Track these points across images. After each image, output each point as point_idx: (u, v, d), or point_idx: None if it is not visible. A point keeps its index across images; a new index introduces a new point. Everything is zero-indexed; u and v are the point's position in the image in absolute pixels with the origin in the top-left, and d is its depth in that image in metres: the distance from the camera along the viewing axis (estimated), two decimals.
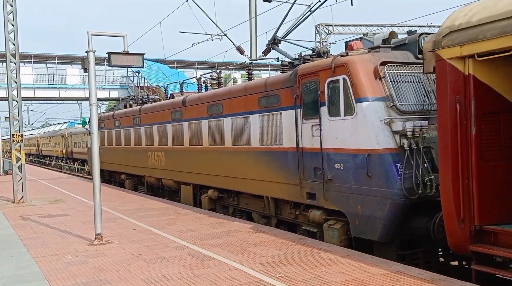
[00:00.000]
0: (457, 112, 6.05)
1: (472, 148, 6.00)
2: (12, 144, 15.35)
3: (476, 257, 6.10)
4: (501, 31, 5.49)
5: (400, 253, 7.69)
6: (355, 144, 7.94)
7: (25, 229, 10.47)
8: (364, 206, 7.81)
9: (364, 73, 7.86)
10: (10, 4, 15.19)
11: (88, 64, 8.89)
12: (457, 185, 6.06)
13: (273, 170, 10.11)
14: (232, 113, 11.62)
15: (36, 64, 51.60)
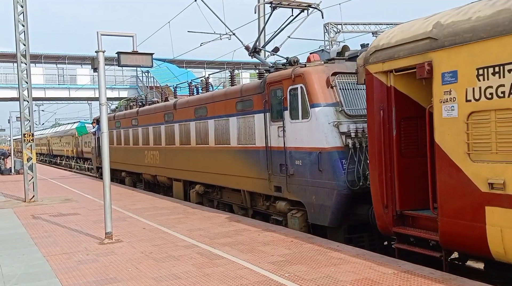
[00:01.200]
0: (381, 117, 7.29)
1: (393, 147, 7.22)
2: (23, 144, 15.49)
3: (398, 237, 7.35)
4: (408, 51, 6.76)
5: (347, 236, 8.90)
6: (310, 143, 9.17)
7: (36, 228, 10.56)
8: (317, 196, 9.08)
9: (317, 83, 9.08)
10: (20, 5, 15.31)
11: (98, 64, 8.94)
12: (382, 178, 7.33)
13: (248, 167, 11.33)
14: (215, 116, 12.89)
15: (46, 64, 51.99)
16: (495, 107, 5.69)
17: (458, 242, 6.31)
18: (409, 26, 7.09)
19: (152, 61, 9.44)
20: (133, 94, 48.09)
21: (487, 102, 5.77)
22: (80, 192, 17.77)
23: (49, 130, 65.04)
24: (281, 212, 10.31)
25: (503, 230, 5.64)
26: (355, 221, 8.81)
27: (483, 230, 5.86)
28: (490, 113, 5.77)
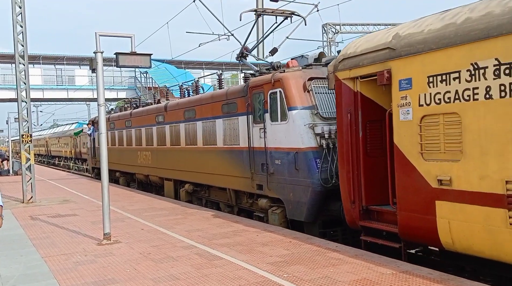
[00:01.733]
0: (349, 120, 7.91)
1: (360, 147, 7.82)
2: (22, 145, 15.46)
3: (365, 230, 7.95)
4: (371, 60, 7.36)
5: (321, 231, 9.51)
6: (288, 144, 9.77)
7: (34, 229, 10.54)
8: (294, 194, 9.67)
9: (295, 87, 9.67)
10: (18, 5, 15.29)
11: (96, 65, 8.93)
12: (349, 176, 7.96)
13: (233, 166, 11.95)
14: (203, 118, 13.52)
15: (44, 65, 51.93)
16: (443, 111, 6.31)
17: (414, 233, 6.91)
18: (373, 36, 7.76)
19: (150, 62, 9.44)
20: (132, 95, 48.08)
21: (436, 107, 6.39)
22: (79, 193, 17.74)
23: (48, 131, 64.98)
24: (262, 208, 10.88)
25: (450, 222, 6.27)
26: (329, 216, 9.42)
27: (434, 222, 6.48)
28: (439, 116, 6.40)
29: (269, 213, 10.56)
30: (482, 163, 5.86)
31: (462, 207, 6.10)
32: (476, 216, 5.94)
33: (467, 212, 6.04)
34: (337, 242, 8.67)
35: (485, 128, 5.83)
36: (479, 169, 5.90)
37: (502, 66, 5.57)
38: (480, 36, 5.79)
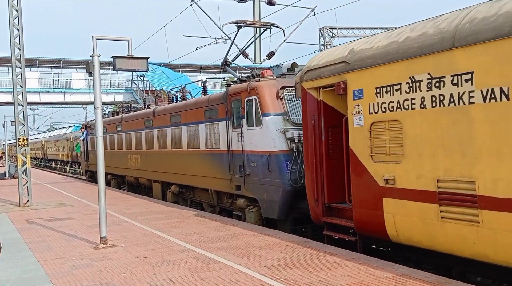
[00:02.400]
0: (313, 126, 8.66)
1: (322, 150, 8.58)
2: (18, 148, 15.42)
3: (327, 226, 8.74)
4: (330, 72, 8.16)
5: (292, 228, 10.22)
6: (262, 147, 10.53)
7: (31, 233, 10.50)
8: (268, 193, 10.44)
9: (268, 95, 10.47)
10: (15, 9, 15.29)
11: (93, 68, 8.93)
12: (313, 176, 8.73)
13: (214, 168, 12.74)
14: (187, 123, 14.29)
15: (41, 68, 51.87)
16: (388, 118, 7.09)
17: (366, 227, 7.66)
18: (333, 50, 8.62)
19: (147, 65, 9.43)
20: (129, 98, 48.02)
21: (383, 114, 7.18)
22: (75, 196, 17.69)
23: (44, 135, 64.79)
24: (241, 207, 11.66)
25: (395, 217, 7.03)
26: (299, 214, 10.09)
27: (381, 217, 7.23)
28: (384, 123, 7.17)
29: (246, 212, 11.34)
30: (419, 164, 6.63)
31: (404, 203, 6.86)
32: (415, 210, 6.70)
33: (408, 207, 6.80)
34: (308, 238, 9.43)
35: (421, 134, 6.60)
36: (416, 169, 6.67)
37: (433, 80, 6.36)
38: (416, 53, 6.59)
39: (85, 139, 27.03)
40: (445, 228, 6.29)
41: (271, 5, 20.74)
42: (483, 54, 5.79)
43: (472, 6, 6.36)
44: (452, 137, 6.19)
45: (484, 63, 5.79)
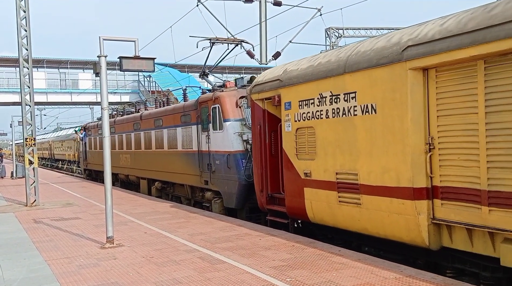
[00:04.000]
0: (259, 130, 10.53)
1: (266, 150, 10.44)
2: (25, 148, 15.50)
3: (270, 212, 10.61)
4: (270, 87, 10.00)
5: (248, 216, 12.14)
6: (224, 148, 12.42)
7: (38, 232, 10.56)
8: (228, 187, 12.35)
9: (229, 104, 12.39)
10: (23, 9, 15.38)
11: (100, 69, 8.96)
12: (259, 171, 10.60)
13: (188, 166, 14.67)
14: (168, 126, 16.27)
15: (48, 69, 52.15)
16: (306, 125, 8.93)
17: (294, 212, 9.57)
18: (273, 69, 10.49)
19: (154, 66, 9.45)
20: (135, 99, 48.16)
21: (303, 122, 9.01)
22: (82, 196, 17.77)
23: (51, 135, 65.09)
24: (208, 199, 13.59)
25: (312, 202, 8.88)
26: (253, 204, 11.64)
27: (303, 203, 9.10)
28: (304, 129, 9.00)
29: (212, 203, 13.29)
30: (325, 160, 8.49)
31: (316, 191, 8.72)
32: (323, 197, 8.54)
33: (319, 194, 8.66)
34: (260, 224, 11.09)
35: (326, 137, 8.43)
36: (324, 164, 8.53)
37: (333, 97, 8.21)
38: (323, 76, 8.39)
39: (84, 139, 29.10)
40: (342, 210, 8.13)
41: (277, 5, 20.73)
42: (362, 79, 7.57)
43: (363, 41, 8.18)
44: (344, 140, 8.02)
45: (362, 85, 7.58)
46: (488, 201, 5.92)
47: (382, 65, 7.15)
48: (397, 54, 6.92)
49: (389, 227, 7.20)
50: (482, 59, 5.94)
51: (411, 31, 6.97)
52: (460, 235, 6.43)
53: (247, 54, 19.14)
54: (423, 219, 6.65)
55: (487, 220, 5.92)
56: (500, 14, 5.65)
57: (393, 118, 7.03)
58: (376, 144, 7.33)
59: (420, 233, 6.69)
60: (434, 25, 6.64)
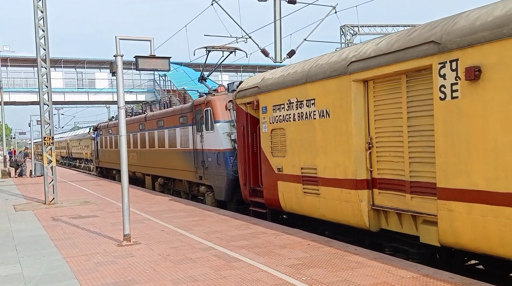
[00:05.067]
0: (243, 131, 11.85)
1: (249, 149, 11.71)
2: (44, 147, 15.73)
3: (252, 203, 11.92)
4: (250, 93, 11.38)
5: (236, 207, 13.40)
6: (215, 146, 13.88)
7: (56, 230, 10.71)
8: (218, 181, 13.78)
9: (219, 107, 13.83)
10: (40, 10, 15.58)
11: (116, 68, 9.03)
12: (243, 167, 11.93)
13: (186, 163, 16.20)
14: (168, 126, 17.86)
15: (65, 69, 52.80)
16: (279, 127, 10.30)
17: (270, 202, 10.88)
18: (255, 77, 11.93)
19: (169, 65, 9.50)
20: (151, 98, 48.46)
21: (276, 124, 10.38)
22: (99, 194, 17.97)
23: (69, 134, 65.93)
24: (202, 193, 15.12)
25: (284, 194, 10.23)
26: (240, 196, 12.67)
27: (277, 194, 10.47)
28: (277, 130, 10.37)
29: (205, 196, 14.81)
30: (293, 157, 9.85)
31: (287, 184, 10.08)
32: (292, 188, 9.91)
33: (289, 186, 10.02)
34: (248, 214, 12.02)
35: (294, 138, 9.78)
36: (292, 161, 9.88)
37: (298, 102, 9.55)
38: (291, 85, 9.78)
39: (95, 139, 30.90)
40: (306, 199, 9.50)
41: (291, 3, 20.66)
42: (319, 88, 8.92)
43: (323, 55, 9.49)
44: (307, 140, 9.37)
45: (319, 93, 8.91)
46: (410, 189, 7.26)
47: (333, 77, 8.52)
48: (344, 68, 8.27)
49: (340, 213, 8.59)
50: (404, 74, 7.23)
51: (356, 49, 8.31)
52: (393, 218, 7.75)
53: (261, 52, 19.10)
54: (364, 206, 8.01)
55: (410, 205, 7.28)
56: (416, 38, 6.96)
57: (341, 122, 8.39)
58: (330, 143, 8.74)
59: (362, 217, 8.07)
60: (372, 44, 7.99)
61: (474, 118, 6.08)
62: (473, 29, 6.10)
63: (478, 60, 5.99)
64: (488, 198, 5.91)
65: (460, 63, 6.22)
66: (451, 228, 6.43)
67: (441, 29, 6.63)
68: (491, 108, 5.86)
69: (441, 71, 6.48)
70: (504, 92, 5.70)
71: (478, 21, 6.12)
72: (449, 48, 6.36)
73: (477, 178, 6.05)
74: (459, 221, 6.30)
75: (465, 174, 6.21)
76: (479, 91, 6.00)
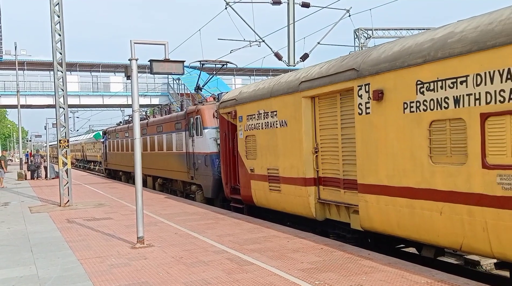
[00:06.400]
0: (225, 137, 13.67)
1: (230, 152, 13.47)
2: (59, 149, 15.91)
3: (232, 200, 13.73)
4: (230, 104, 13.10)
5: (221, 204, 15.08)
6: (203, 150, 15.82)
7: (71, 232, 10.82)
8: (206, 181, 15.70)
9: (207, 115, 15.76)
10: (57, 14, 15.80)
11: (131, 72, 9.11)
12: (225, 168, 13.73)
13: (180, 164, 18.06)
14: (166, 132, 19.87)
15: (81, 72, 53.40)
16: (251, 134, 11.98)
17: (245, 199, 12.56)
18: (234, 91, 13.74)
19: (183, 68, 9.56)
20: (164, 101, 48.74)
21: (250, 131, 12.04)
22: (113, 197, 18.12)
23: (83, 137, 66.60)
24: (193, 191, 16.94)
25: (256, 191, 11.90)
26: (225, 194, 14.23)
27: (250, 191, 12.12)
28: (250, 136, 12.01)
29: (196, 194, 16.67)
30: (262, 160, 11.51)
31: (257, 182, 11.73)
32: (261, 186, 11.58)
33: (259, 184, 11.69)
34: (230, 210, 13.59)
35: (262, 143, 11.49)
36: (261, 163, 11.54)
37: (265, 113, 11.29)
38: (260, 98, 11.48)
39: (104, 143, 33.29)
40: (271, 195, 11.19)
41: (305, 7, 20.65)
42: (279, 102, 10.63)
43: (284, 75, 11.25)
44: (271, 145, 11.06)
45: (280, 106, 10.63)
46: (343, 186, 9.09)
47: (290, 93, 10.27)
48: (297, 86, 10.03)
49: (295, 206, 10.31)
50: (338, 93, 9.01)
51: (307, 71, 10.10)
52: (333, 209, 9.56)
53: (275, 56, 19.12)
54: (312, 199, 9.80)
55: (344, 198, 9.10)
56: (345, 65, 8.68)
57: (295, 130, 10.13)
58: (287, 147, 10.44)
59: (310, 209, 9.84)
60: (318, 67, 9.76)
61: (379, 130, 7.78)
62: (379, 60, 7.79)
63: (382, 85, 7.68)
64: (388, 191, 7.62)
65: (371, 86, 7.93)
66: (367, 215, 8.15)
67: (360, 59, 8.30)
68: (389, 122, 7.57)
69: (359, 92, 8.20)
70: (396, 110, 7.40)
71: (383, 55, 7.78)
72: (364, 75, 8.06)
73: (382, 176, 7.74)
74: (372, 209, 8.01)
75: (374, 172, 7.91)
76: (382, 109, 7.70)
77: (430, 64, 6.78)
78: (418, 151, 7.03)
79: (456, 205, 6.46)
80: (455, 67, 6.42)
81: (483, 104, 6.04)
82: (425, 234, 7.04)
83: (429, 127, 6.87)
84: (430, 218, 6.87)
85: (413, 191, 7.12)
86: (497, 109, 5.90)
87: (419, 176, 7.02)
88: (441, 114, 6.65)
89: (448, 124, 6.61)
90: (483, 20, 6.34)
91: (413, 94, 7.07)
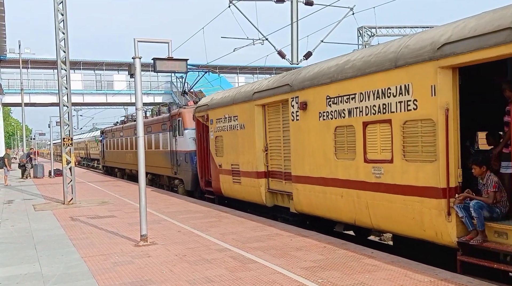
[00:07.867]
0: (200, 137, 15.87)
1: (204, 150, 15.59)
2: (63, 147, 15.95)
3: (207, 192, 15.78)
4: (204, 109, 15.26)
5: (200, 196, 16.82)
6: (184, 148, 18.02)
7: (74, 229, 10.86)
8: (186, 175, 17.91)
9: (187, 117, 17.77)
10: (61, 13, 15.83)
11: (135, 70, 9.12)
12: (201, 164, 15.94)
13: (166, 161, 20.30)
14: (155, 132, 22.37)
15: (84, 70, 53.45)
16: (219, 135, 14.04)
17: (216, 190, 14.57)
18: (208, 97, 15.75)
19: (186, 67, 9.57)
20: (168, 99, 48.79)
21: (218, 132, 14.07)
22: (116, 195, 18.16)
23: (87, 135, 66.75)
24: (176, 185, 19.24)
25: (223, 183, 13.94)
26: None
27: (219, 184, 14.15)
28: (219, 137, 14.08)
29: (178, 187, 18.98)
30: (227, 157, 13.57)
31: (224, 176, 13.77)
32: (227, 179, 13.63)
33: (226, 178, 13.71)
34: (213, 203, 14.84)
35: (227, 142, 13.54)
36: (227, 159, 13.55)
37: (229, 117, 13.33)
38: (225, 104, 13.59)
39: (102, 141, 35.61)
40: (234, 187, 13.20)
41: (309, 5, 20.63)
42: (239, 108, 12.74)
43: (244, 85, 13.64)
44: (234, 145, 13.07)
45: (239, 112, 12.76)
46: (284, 177, 11.24)
47: (246, 101, 12.41)
48: (251, 96, 12.22)
49: (251, 195, 12.43)
50: (280, 103, 11.15)
51: (259, 83, 12.29)
52: (279, 197, 11.71)
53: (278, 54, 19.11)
54: (263, 189, 12.00)
55: (285, 188, 11.26)
56: (284, 80, 10.87)
57: (250, 132, 12.23)
58: (245, 146, 12.50)
59: (262, 197, 12.03)
60: (267, 81, 11.95)
61: (304, 133, 9.96)
62: (305, 78, 9.99)
63: (305, 98, 9.89)
64: (310, 181, 9.83)
65: (299, 99, 10.10)
66: (298, 200, 10.37)
67: (294, 77, 10.52)
68: (310, 127, 9.75)
69: (292, 103, 10.37)
70: (314, 118, 9.60)
71: (307, 74, 9.97)
72: (295, 89, 10.26)
73: (306, 169, 9.94)
74: (301, 195, 10.23)
75: (301, 166, 10.12)
76: (306, 117, 9.89)
77: (334, 84, 8.98)
78: (328, 149, 9.22)
79: (350, 190, 8.66)
80: (348, 87, 8.62)
81: (364, 115, 8.23)
82: (334, 214, 9.31)
83: (334, 131, 9.04)
84: (336, 201, 9.08)
85: (325, 180, 9.36)
86: (372, 119, 8.07)
87: (328, 168, 9.23)
88: (341, 122, 8.86)
89: (345, 129, 8.77)
90: (367, 52, 8.56)
91: (324, 106, 9.27)
